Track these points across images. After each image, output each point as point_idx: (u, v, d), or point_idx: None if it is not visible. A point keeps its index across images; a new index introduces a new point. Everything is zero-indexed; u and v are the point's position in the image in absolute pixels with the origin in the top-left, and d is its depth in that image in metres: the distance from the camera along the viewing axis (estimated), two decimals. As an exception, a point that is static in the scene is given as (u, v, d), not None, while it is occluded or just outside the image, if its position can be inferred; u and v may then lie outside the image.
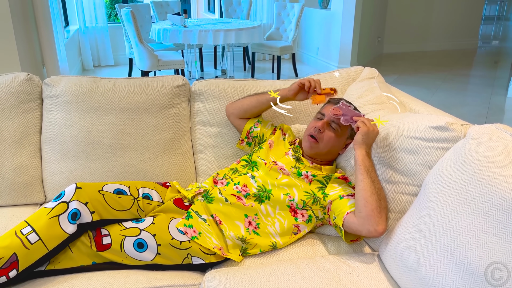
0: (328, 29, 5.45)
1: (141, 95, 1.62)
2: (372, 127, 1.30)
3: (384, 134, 1.36)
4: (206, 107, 1.70)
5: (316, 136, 1.41)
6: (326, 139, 1.41)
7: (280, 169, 1.40)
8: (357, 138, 1.29)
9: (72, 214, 1.17)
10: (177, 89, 1.67)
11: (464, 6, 7.15)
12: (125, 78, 1.66)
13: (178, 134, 1.68)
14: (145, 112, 1.62)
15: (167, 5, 5.62)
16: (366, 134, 1.28)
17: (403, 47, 7.16)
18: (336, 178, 1.38)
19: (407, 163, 1.27)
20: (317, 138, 1.41)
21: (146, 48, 4.13)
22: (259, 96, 1.54)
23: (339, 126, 1.41)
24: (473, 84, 5.16)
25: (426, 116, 1.31)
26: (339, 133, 1.42)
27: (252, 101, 1.55)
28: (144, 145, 1.62)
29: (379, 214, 1.19)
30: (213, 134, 1.70)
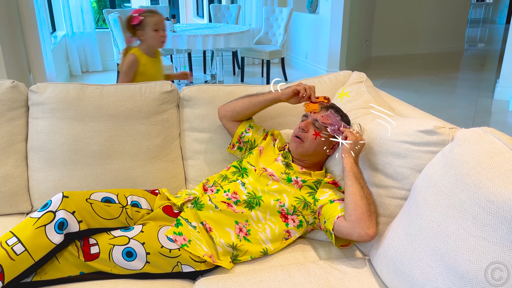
0: (316, 33, 5.47)
1: (129, 102, 1.61)
2: (359, 137, 1.31)
3: (373, 139, 1.37)
4: (195, 113, 1.69)
5: (301, 135, 1.42)
6: (310, 138, 1.42)
7: (270, 175, 1.39)
8: (345, 147, 1.31)
9: (59, 224, 1.15)
10: (165, 95, 1.66)
11: (451, 10, 7.25)
12: (113, 85, 1.65)
13: (167, 141, 1.67)
14: (133, 118, 1.60)
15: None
16: (354, 143, 1.30)
17: (391, 51, 7.22)
18: (326, 183, 1.38)
19: (396, 167, 1.28)
20: (302, 138, 1.42)
21: (135, 53, 4.10)
22: (252, 98, 1.54)
23: (322, 125, 1.42)
24: (460, 87, 5.22)
25: (414, 120, 1.32)
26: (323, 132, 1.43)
27: (244, 103, 1.54)
28: (132, 152, 1.60)
29: (369, 217, 1.19)
30: (202, 140, 1.69)
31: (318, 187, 1.38)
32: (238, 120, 1.58)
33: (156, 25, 2.32)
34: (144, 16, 2.32)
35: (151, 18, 2.32)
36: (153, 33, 2.33)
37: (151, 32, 2.33)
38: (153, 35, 2.33)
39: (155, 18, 2.33)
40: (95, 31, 5.82)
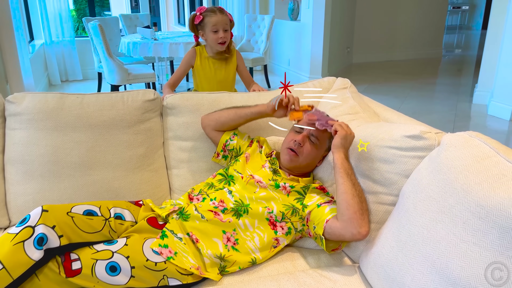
0: (298, 40, 5.50)
1: (111, 111, 1.57)
2: (349, 130, 1.30)
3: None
4: (179, 121, 1.66)
5: (296, 149, 1.39)
6: (306, 153, 1.40)
7: (257, 182, 1.37)
8: (336, 142, 1.29)
9: (38, 239, 1.10)
10: (148, 103, 1.63)
11: (428, 17, 7.39)
12: (94, 94, 1.61)
13: (150, 150, 1.63)
14: (115, 128, 1.56)
15: (136, 18, 5.55)
16: (344, 138, 1.29)
17: (371, 57, 7.32)
18: (314, 188, 1.37)
19: (384, 172, 1.27)
20: (297, 152, 1.39)
21: (116, 62, 4.05)
22: (238, 110, 1.52)
23: (318, 139, 1.41)
24: (439, 92, 5.31)
25: (400, 125, 1.32)
26: (318, 146, 1.41)
27: (230, 114, 1.52)
28: (115, 162, 1.56)
29: (361, 216, 1.18)
30: (187, 149, 1.66)
31: (306, 193, 1.36)
32: (222, 130, 1.56)
33: (214, 26, 2.19)
34: (204, 15, 2.21)
35: (210, 18, 2.19)
36: (211, 34, 2.22)
37: (210, 33, 2.22)
38: (211, 36, 2.22)
39: (214, 19, 2.19)
40: (74, 40, 5.73)
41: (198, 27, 2.26)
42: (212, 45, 2.26)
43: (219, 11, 2.20)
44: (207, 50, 2.33)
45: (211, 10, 2.20)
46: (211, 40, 2.23)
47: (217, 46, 2.24)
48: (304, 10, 5.25)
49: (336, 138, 1.29)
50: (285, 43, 5.93)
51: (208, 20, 2.19)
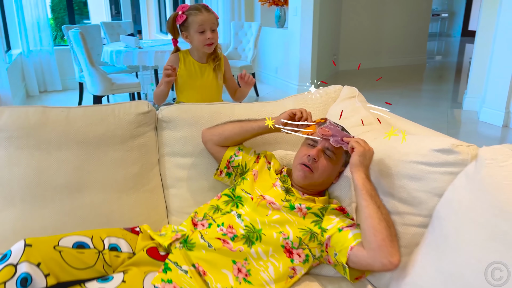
0: (286, 48, 5.41)
1: (100, 126, 1.41)
2: (367, 146, 1.18)
3: (381, 159, 1.24)
4: (176, 135, 1.51)
5: (311, 165, 1.26)
6: (321, 168, 1.26)
7: (269, 203, 1.23)
8: (354, 160, 1.16)
9: (22, 280, 0.93)
10: (142, 116, 1.47)
11: (411, 24, 7.42)
12: (81, 107, 1.45)
13: (145, 168, 1.47)
14: (105, 144, 1.40)
15: (118, 26, 5.37)
16: (363, 155, 1.16)
17: (356, 64, 7.28)
18: (333, 209, 1.23)
19: (411, 190, 1.15)
20: (312, 168, 1.26)
21: (99, 71, 3.86)
22: (244, 124, 1.38)
23: (334, 153, 1.27)
24: (428, 98, 5.28)
25: (425, 137, 1.20)
26: (334, 161, 1.28)
27: (235, 128, 1.38)
28: (106, 183, 1.39)
29: (391, 243, 1.05)
30: (185, 166, 1.51)
31: (324, 214, 1.22)
32: (225, 146, 1.42)
33: (201, 25, 1.93)
34: (188, 14, 1.94)
35: (195, 17, 1.93)
36: (197, 35, 1.95)
37: (195, 34, 1.95)
38: (197, 37, 1.96)
39: (200, 18, 1.92)
40: (53, 49, 5.50)
41: (181, 28, 2.00)
42: (198, 47, 2.00)
43: (204, 9, 1.96)
44: (192, 55, 2.07)
45: (195, 8, 1.95)
46: (197, 41, 1.97)
47: (204, 48, 1.99)
48: (291, 17, 5.16)
49: (354, 156, 1.17)
50: (272, 51, 5.82)
51: (193, 20, 1.93)
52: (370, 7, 6.98)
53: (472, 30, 12.24)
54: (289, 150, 1.55)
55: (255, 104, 1.63)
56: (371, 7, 6.99)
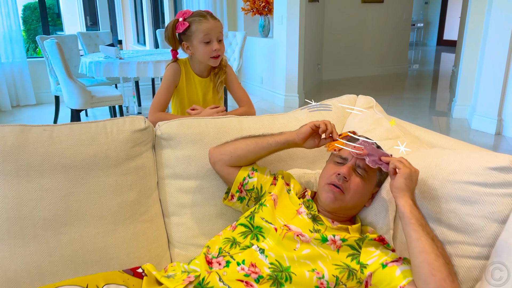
0: (272, 58, 5.27)
1: (90, 146, 1.20)
2: (412, 167, 1.02)
3: (422, 179, 1.08)
4: (178, 155, 1.32)
5: (341, 185, 1.09)
6: (353, 188, 1.10)
7: (297, 235, 1.04)
8: (399, 184, 1.00)
9: None
10: (138, 134, 1.27)
11: (393, 33, 7.44)
12: (66, 125, 1.23)
13: (143, 194, 1.27)
14: (97, 168, 1.20)
15: (96, 36, 5.12)
16: (409, 177, 1.00)
17: (340, 74, 7.23)
18: (371, 240, 1.06)
19: (463, 216, 0.99)
20: (342, 188, 1.09)
21: (77, 83, 3.61)
22: (258, 139, 1.20)
23: (365, 171, 1.11)
24: (415, 107, 5.23)
25: (475, 153, 1.05)
26: (367, 179, 1.11)
27: (249, 146, 1.20)
28: (98, 214, 1.18)
29: (452, 283, 0.87)
30: (189, 190, 1.31)
31: (361, 246, 1.05)
32: (238, 166, 1.23)
33: (207, 35, 1.68)
34: (191, 22, 1.68)
35: (200, 25, 1.67)
36: (201, 46, 1.70)
37: (200, 45, 1.70)
38: (201, 48, 1.70)
39: (206, 25, 1.67)
40: (26, 61, 5.20)
41: (181, 37, 1.73)
42: (202, 59, 1.75)
43: (210, 16, 1.71)
44: (192, 66, 1.83)
45: (200, 15, 1.69)
46: (201, 53, 1.72)
47: (210, 61, 1.74)
48: (277, 26, 5.03)
49: (398, 178, 1.00)
50: (257, 61, 5.68)
51: (197, 28, 1.67)
52: (352, 16, 6.96)
53: (447, 39, 12.49)
54: (306, 169, 1.38)
55: (265, 117, 1.45)
56: (353, 16, 6.97)
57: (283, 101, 5.12)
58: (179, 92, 1.83)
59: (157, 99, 1.78)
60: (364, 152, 1.08)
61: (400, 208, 0.98)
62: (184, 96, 1.85)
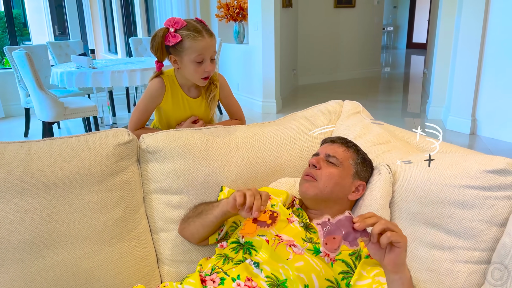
0: (248, 64, 5.25)
1: (72, 162, 1.13)
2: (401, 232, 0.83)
3: (419, 184, 1.06)
4: (165, 169, 1.26)
5: (311, 173, 1.13)
6: (325, 175, 1.13)
7: (289, 246, 1.01)
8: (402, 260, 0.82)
9: None
10: (122, 147, 1.21)
11: (365, 38, 7.56)
12: (46, 140, 1.16)
13: (129, 211, 1.21)
14: (79, 186, 1.13)
15: (66, 46, 4.98)
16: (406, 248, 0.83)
17: (315, 78, 7.28)
18: (367, 257, 1.02)
19: (462, 220, 0.98)
20: (314, 175, 1.12)
21: (49, 95, 3.48)
22: (201, 220, 1.14)
23: (337, 159, 1.15)
24: (390, 109, 5.31)
25: (470, 156, 1.04)
26: (340, 168, 1.14)
27: (199, 229, 1.16)
28: (83, 234, 1.12)
29: None
30: (177, 204, 1.26)
31: (356, 265, 1.01)
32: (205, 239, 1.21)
33: (200, 55, 1.47)
34: (184, 36, 1.46)
35: (194, 42, 1.46)
36: (193, 66, 1.49)
37: (190, 64, 1.49)
38: (192, 68, 1.50)
39: (201, 44, 1.46)
40: (-8, 72, 5.00)
41: (170, 50, 1.51)
42: (191, 78, 1.56)
43: (206, 32, 1.48)
44: (178, 80, 1.61)
45: (195, 30, 1.46)
46: (191, 73, 1.52)
47: (199, 81, 1.55)
48: (252, 32, 5.02)
49: (401, 254, 0.81)
50: (233, 67, 5.65)
51: (191, 46, 1.46)
52: (325, 21, 7.03)
53: (416, 42, 12.81)
54: (297, 177, 1.35)
55: (253, 126, 1.42)
56: (326, 21, 7.04)
57: (260, 107, 5.10)
58: (164, 112, 1.66)
59: (135, 117, 1.62)
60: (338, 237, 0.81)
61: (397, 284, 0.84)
62: (170, 116, 1.66)
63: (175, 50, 1.50)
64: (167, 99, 1.61)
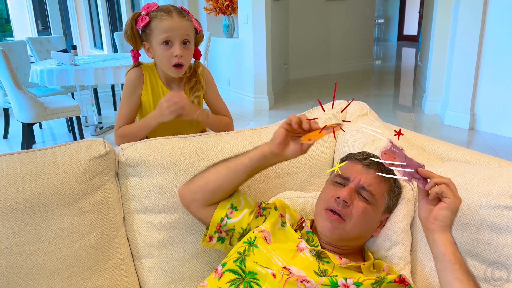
0: (238, 59, 5.07)
1: (36, 182, 0.95)
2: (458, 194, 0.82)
3: (446, 204, 0.91)
4: (147, 184, 1.09)
5: (341, 211, 0.91)
6: (356, 215, 0.91)
7: (301, 282, 0.84)
8: (444, 217, 0.81)
9: None
10: (97, 162, 1.04)
11: (357, 30, 7.41)
12: (5, 155, 0.98)
13: (107, 235, 1.03)
14: (46, 210, 0.95)
15: (47, 41, 4.74)
16: (456, 211, 0.81)
17: (307, 72, 7.12)
18: (390, 282, 0.87)
19: (501, 247, 0.83)
20: (343, 215, 0.91)
21: (27, 94, 3.27)
22: (231, 164, 0.99)
23: (371, 194, 0.93)
24: (385, 104, 5.17)
25: (506, 170, 0.89)
26: (374, 204, 0.93)
27: (220, 174, 0.99)
28: (50, 268, 0.94)
29: None
30: (163, 226, 1.09)
31: None
32: (215, 202, 1.02)
33: (167, 36, 1.32)
34: (152, 16, 1.33)
35: (160, 22, 1.31)
36: (160, 49, 1.34)
37: (158, 47, 1.34)
38: (160, 51, 1.34)
39: (166, 23, 1.31)
40: (-30, 71, 4.74)
41: (142, 36, 1.39)
42: (162, 67, 1.39)
43: (177, 13, 1.34)
44: (158, 73, 1.46)
45: (164, 10, 1.34)
46: (160, 59, 1.36)
47: (170, 70, 1.37)
48: (242, 26, 4.83)
49: (444, 210, 0.81)
50: (223, 62, 5.46)
51: (157, 25, 1.32)
52: (316, 14, 6.87)
53: (407, 34, 12.71)
54: (300, 191, 1.18)
55: (247, 131, 1.25)
56: (317, 14, 6.88)
57: (252, 103, 4.93)
58: (144, 109, 1.47)
59: (119, 115, 1.45)
60: (396, 159, 0.83)
61: (441, 247, 0.80)
62: (150, 110, 1.45)
63: (146, 34, 1.37)
64: (147, 90, 1.44)
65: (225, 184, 1.00)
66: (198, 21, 1.43)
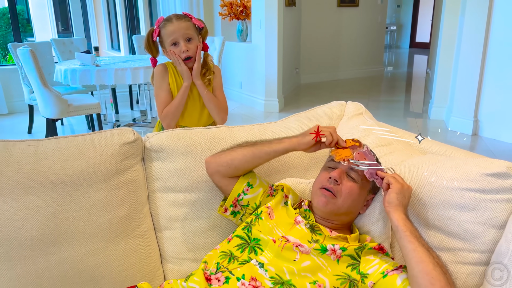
0: (251, 63, 5.26)
1: (78, 161, 1.15)
2: (405, 183, 1.05)
3: (420, 187, 1.08)
4: (169, 167, 1.28)
5: (333, 188, 1.09)
6: (345, 192, 1.09)
7: (296, 246, 1.02)
8: (391, 199, 1.02)
9: None
10: (127, 147, 1.23)
11: (368, 36, 7.56)
12: (53, 139, 1.18)
13: (134, 209, 1.23)
14: (86, 184, 1.15)
15: (70, 43, 5.00)
16: (401, 193, 1.03)
17: (318, 77, 7.29)
18: (370, 249, 1.05)
19: (462, 222, 1.00)
20: (334, 191, 1.09)
21: (52, 92, 3.51)
22: (256, 149, 1.17)
23: (359, 175, 1.11)
24: (392, 109, 5.31)
25: (470, 160, 1.06)
26: (360, 184, 1.11)
27: (246, 155, 1.17)
28: (88, 232, 1.14)
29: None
30: (181, 203, 1.28)
31: (361, 256, 1.04)
32: (236, 176, 1.21)
33: (172, 38, 1.70)
34: (160, 27, 1.72)
35: (166, 29, 1.70)
36: (171, 49, 1.72)
37: (170, 48, 1.73)
38: (170, 52, 1.73)
39: (170, 28, 1.69)
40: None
41: (160, 44, 1.79)
42: (176, 64, 1.77)
43: (175, 18, 1.71)
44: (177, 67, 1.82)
45: (166, 19, 1.73)
46: (170, 57, 1.76)
47: (181, 63, 1.74)
48: (255, 31, 5.03)
49: (390, 193, 1.02)
50: (235, 66, 5.66)
51: (165, 33, 1.71)
52: (328, 20, 7.04)
53: (419, 41, 12.79)
54: (300, 178, 1.36)
55: (256, 126, 1.44)
56: (329, 20, 7.05)
57: (263, 106, 5.11)
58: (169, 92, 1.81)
59: (159, 101, 1.80)
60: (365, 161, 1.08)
61: (394, 222, 0.99)
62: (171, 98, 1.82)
63: (161, 42, 1.77)
64: (173, 79, 1.81)
65: (247, 164, 1.19)
66: (200, 20, 1.78)
